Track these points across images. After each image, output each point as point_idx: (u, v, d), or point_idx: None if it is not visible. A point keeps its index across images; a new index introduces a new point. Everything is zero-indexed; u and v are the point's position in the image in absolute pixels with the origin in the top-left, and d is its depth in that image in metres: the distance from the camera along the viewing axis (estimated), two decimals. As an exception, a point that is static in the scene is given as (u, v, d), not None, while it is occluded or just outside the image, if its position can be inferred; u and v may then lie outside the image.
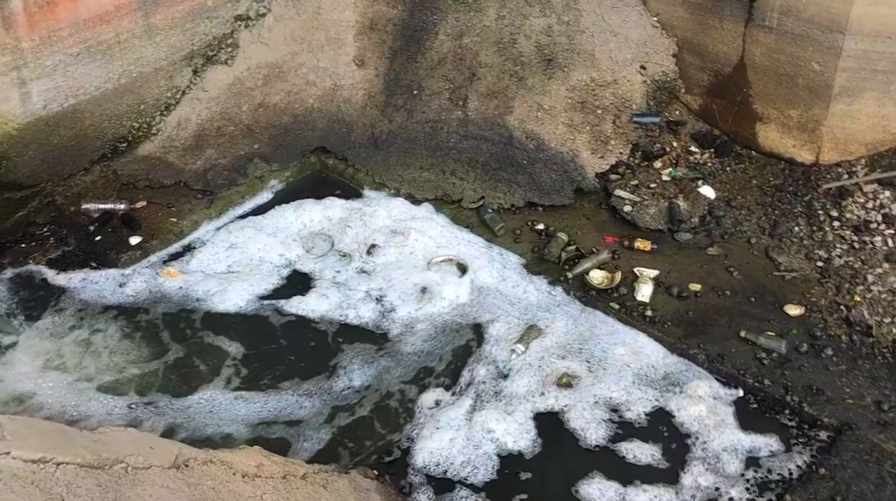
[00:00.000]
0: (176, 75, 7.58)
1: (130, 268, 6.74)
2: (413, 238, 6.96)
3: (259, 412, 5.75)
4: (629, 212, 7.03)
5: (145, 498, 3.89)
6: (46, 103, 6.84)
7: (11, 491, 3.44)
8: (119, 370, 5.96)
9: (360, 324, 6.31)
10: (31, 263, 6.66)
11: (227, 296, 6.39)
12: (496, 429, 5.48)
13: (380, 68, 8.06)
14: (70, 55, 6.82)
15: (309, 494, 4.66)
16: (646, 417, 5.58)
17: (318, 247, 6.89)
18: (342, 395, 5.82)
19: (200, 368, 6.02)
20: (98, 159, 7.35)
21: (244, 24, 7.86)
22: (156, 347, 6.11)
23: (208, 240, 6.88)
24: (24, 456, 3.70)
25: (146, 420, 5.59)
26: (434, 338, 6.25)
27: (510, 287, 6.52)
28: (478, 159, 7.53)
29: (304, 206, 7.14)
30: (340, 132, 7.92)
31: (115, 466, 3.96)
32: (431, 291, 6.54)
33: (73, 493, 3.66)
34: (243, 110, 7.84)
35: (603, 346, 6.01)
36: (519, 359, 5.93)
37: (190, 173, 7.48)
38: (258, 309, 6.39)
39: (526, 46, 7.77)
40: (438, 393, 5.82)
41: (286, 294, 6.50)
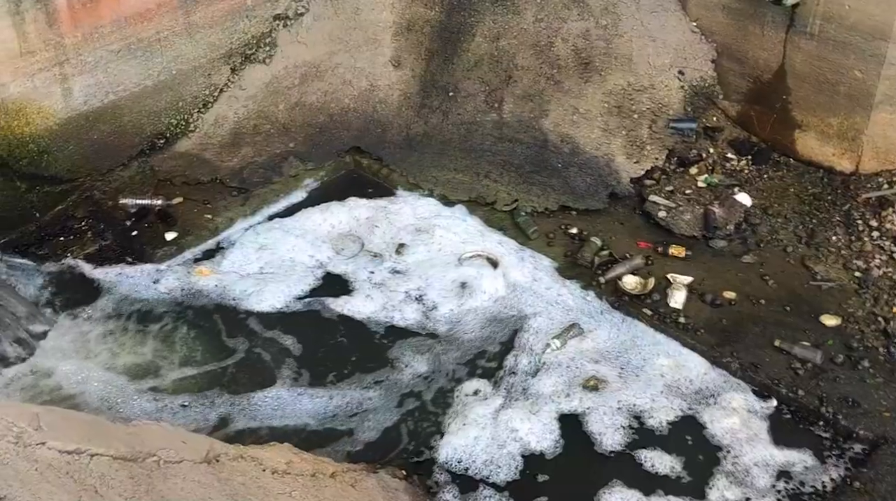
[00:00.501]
0: (214, 73, 7.64)
1: (165, 264, 6.80)
2: (439, 235, 7.00)
3: (326, 407, 5.78)
4: (664, 218, 6.98)
5: (177, 492, 3.92)
6: (87, 99, 6.93)
7: (46, 481, 3.49)
8: (162, 365, 6.01)
9: (406, 326, 6.29)
10: (69, 256, 6.74)
11: (264, 297, 6.42)
12: (520, 429, 5.49)
13: (416, 69, 8.08)
14: (111, 52, 6.90)
15: (337, 492, 4.67)
16: (675, 427, 5.52)
17: (348, 248, 6.92)
18: (389, 395, 5.86)
19: (254, 365, 6.06)
20: (136, 155, 7.43)
21: (283, 24, 7.91)
22: (199, 344, 6.16)
23: (237, 241, 6.91)
24: (60, 447, 3.74)
25: (202, 418, 5.65)
26: (478, 334, 6.28)
27: (543, 288, 6.50)
28: (512, 162, 7.52)
29: (331, 208, 7.17)
30: (375, 132, 7.94)
31: (148, 459, 3.99)
32: (470, 286, 6.57)
33: (106, 484, 3.69)
34: (280, 109, 7.89)
35: (644, 355, 5.95)
36: (552, 355, 5.89)
37: (226, 170, 7.54)
38: (298, 309, 6.41)
39: (563, 50, 7.74)
40: (477, 389, 5.80)
41: (324, 295, 6.52)
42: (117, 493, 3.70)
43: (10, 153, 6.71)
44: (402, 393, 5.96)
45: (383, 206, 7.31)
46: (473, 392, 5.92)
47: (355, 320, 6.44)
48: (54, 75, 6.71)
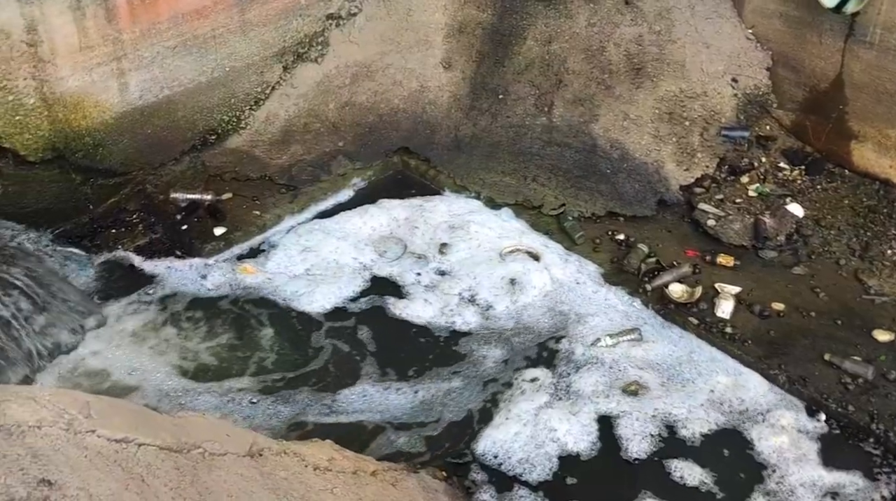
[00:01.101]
0: (267, 71, 7.72)
1: (213, 259, 6.88)
2: (474, 230, 7.03)
3: (412, 402, 5.84)
4: (713, 227, 6.90)
5: (220, 484, 3.96)
6: (142, 94, 7.03)
7: (95, 468, 3.54)
8: (218, 360, 6.06)
9: (469, 330, 6.30)
10: (120, 248, 6.85)
11: (315, 298, 6.46)
12: (559, 429, 5.46)
13: (466, 71, 8.08)
14: (167, 48, 7.00)
15: (378, 491, 4.68)
16: (716, 442, 5.43)
17: (391, 250, 6.94)
18: (443, 396, 5.87)
19: (326, 364, 6.10)
20: (188, 150, 7.52)
21: (335, 23, 7.96)
22: (258, 342, 6.20)
23: (280, 242, 6.95)
24: (108, 435, 3.79)
25: (275, 414, 5.71)
26: (530, 334, 6.31)
27: (590, 292, 6.47)
28: (560, 166, 7.48)
29: (370, 211, 7.20)
30: (424, 133, 7.96)
31: (193, 451, 4.04)
32: (520, 281, 6.60)
33: (152, 474, 3.74)
34: (330, 108, 7.94)
35: (699, 370, 5.85)
36: (600, 351, 5.87)
37: (275, 168, 7.61)
38: (352, 311, 6.43)
39: (615, 54, 7.69)
40: (523, 386, 5.80)
41: (377, 297, 6.54)
42: (163, 483, 3.74)
43: (67, 146, 6.83)
44: (459, 390, 5.98)
45: (418, 205, 7.33)
46: (520, 388, 5.90)
47: (413, 323, 6.45)
48: (112, 70, 6.81)
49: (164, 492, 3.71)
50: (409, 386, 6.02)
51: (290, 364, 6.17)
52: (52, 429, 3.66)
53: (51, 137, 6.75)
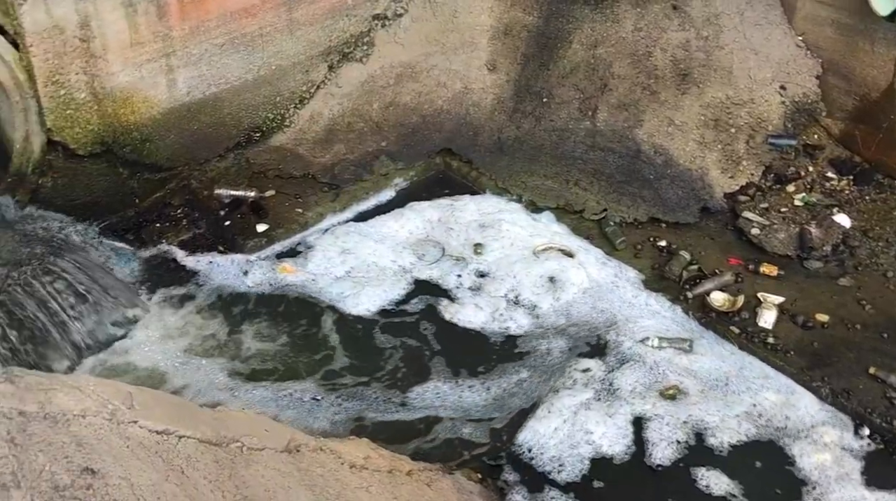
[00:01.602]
0: (312, 70, 7.77)
1: (255, 255, 6.94)
2: (506, 229, 7.08)
3: (485, 399, 5.90)
4: (757, 236, 6.82)
5: (258, 479, 3.99)
6: (190, 90, 7.12)
7: (137, 459, 3.59)
8: (265, 357, 6.12)
9: (523, 334, 6.33)
10: (164, 243, 6.93)
11: (361, 300, 6.49)
12: (595, 431, 5.48)
13: (511, 74, 8.07)
14: (216, 45, 7.08)
15: (413, 491, 4.69)
16: (754, 455, 5.38)
17: (430, 253, 6.95)
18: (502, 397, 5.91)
19: (386, 363, 6.15)
20: (233, 147, 7.59)
21: (381, 24, 7.99)
22: (305, 340, 6.25)
23: (316, 244, 6.98)
24: (150, 427, 3.84)
25: (342, 411, 5.79)
26: (580, 331, 6.32)
27: (630, 297, 6.43)
28: (603, 171, 7.45)
29: (406, 215, 7.21)
30: (467, 135, 7.96)
31: (232, 445, 4.07)
32: (559, 279, 6.64)
33: (192, 466, 3.78)
34: (374, 108, 7.97)
35: (748, 385, 5.78)
36: (646, 350, 5.87)
37: (318, 166, 7.66)
38: (400, 314, 6.45)
39: (661, 60, 7.63)
40: (569, 382, 5.89)
41: (422, 301, 6.56)
42: (202, 475, 3.79)
43: (115, 140, 6.93)
44: (507, 386, 6.02)
45: (448, 204, 7.36)
46: (564, 384, 5.92)
47: (466, 327, 6.48)
48: (161, 66, 6.90)
49: (202, 485, 3.76)
50: (469, 383, 6.07)
51: (346, 363, 6.21)
52: (95, 419, 3.72)
53: (100, 132, 6.86)
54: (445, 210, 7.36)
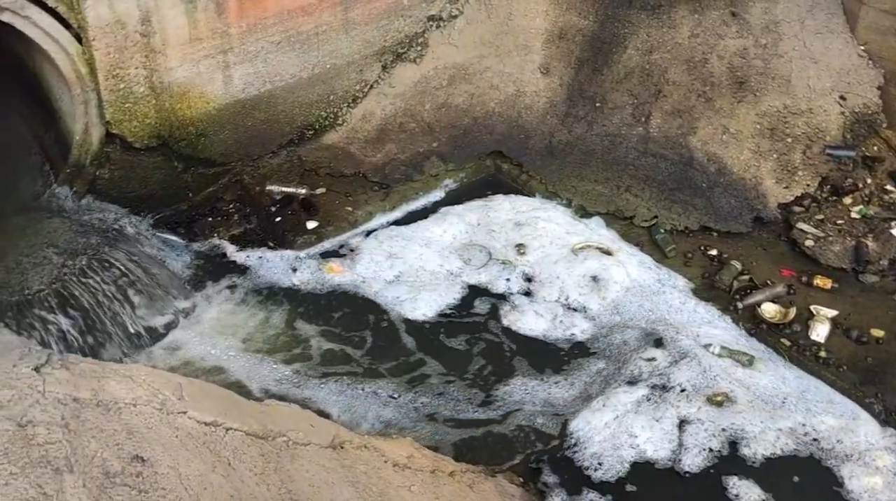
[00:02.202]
0: (366, 69, 7.81)
1: (305, 252, 6.99)
2: (542, 227, 7.14)
3: (569, 391, 5.99)
4: (811, 248, 6.71)
5: (302, 473, 4.02)
6: (245, 87, 7.20)
7: (185, 449, 3.64)
8: (328, 354, 6.18)
9: (587, 339, 6.36)
10: (216, 237, 7.02)
11: (418, 305, 6.50)
12: (640, 435, 5.47)
13: (564, 78, 8.03)
14: (272, 43, 7.15)
15: (455, 491, 4.68)
16: (807, 476, 5.28)
17: (476, 257, 6.95)
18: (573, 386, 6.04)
19: (464, 363, 6.21)
20: (286, 144, 7.66)
21: (436, 25, 8.00)
22: (369, 340, 6.29)
23: (362, 247, 7.00)
24: (199, 418, 3.90)
25: (423, 409, 5.85)
26: (630, 332, 6.34)
27: (678, 303, 6.38)
28: (655, 177, 7.38)
29: (447, 219, 7.21)
30: (518, 138, 7.94)
31: (278, 438, 4.11)
32: (602, 278, 6.69)
33: (238, 458, 3.82)
34: (426, 108, 7.99)
35: (808, 406, 5.67)
36: (706, 355, 5.86)
37: (369, 165, 7.70)
38: (458, 319, 6.46)
39: (717, 67, 7.54)
40: (627, 380, 5.95)
41: (480, 307, 6.57)
42: (248, 468, 3.83)
43: (171, 134, 7.04)
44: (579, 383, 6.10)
45: (483, 205, 7.37)
46: (626, 381, 5.94)
47: (523, 331, 6.49)
48: (218, 62, 6.99)
49: (248, 477, 3.80)
50: (563, 379, 6.12)
51: (418, 363, 6.23)
52: (146, 408, 3.78)
53: (157, 125, 6.97)
54: (480, 210, 7.36)
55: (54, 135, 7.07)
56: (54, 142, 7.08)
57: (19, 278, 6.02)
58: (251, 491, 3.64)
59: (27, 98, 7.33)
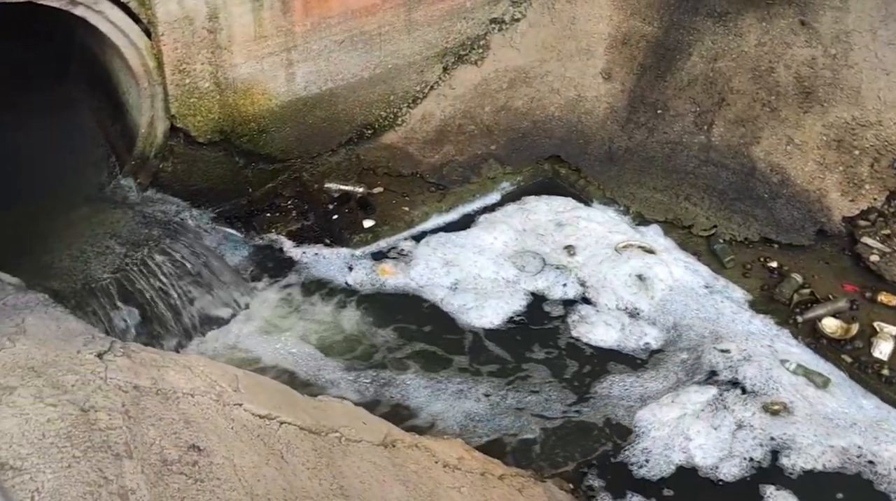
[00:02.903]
0: (427, 70, 7.83)
1: (360, 250, 7.03)
2: (583, 226, 7.18)
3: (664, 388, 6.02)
4: (876, 263, 6.55)
5: (354, 470, 4.04)
6: (307, 85, 7.26)
7: (240, 440, 3.68)
8: (397, 358, 6.21)
9: (658, 348, 6.34)
10: (273, 232, 7.09)
11: (485, 313, 6.49)
12: (694, 440, 5.47)
13: (626, 83, 7.96)
14: (335, 42, 7.20)
15: (504, 495, 4.67)
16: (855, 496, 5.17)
17: (531, 264, 6.92)
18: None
19: (552, 367, 6.24)
20: (345, 142, 7.71)
21: (498, 28, 7.99)
22: (437, 346, 6.32)
23: (414, 252, 7.00)
24: (254, 410, 3.94)
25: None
26: (689, 335, 6.32)
27: (734, 314, 6.30)
28: (715, 187, 7.27)
29: (497, 227, 7.19)
30: (577, 143, 7.89)
31: (331, 434, 4.13)
32: (647, 277, 6.71)
33: (291, 452, 3.85)
34: (485, 111, 7.98)
35: (877, 434, 5.54)
36: (781, 368, 5.84)
37: (427, 166, 7.71)
38: (527, 328, 6.46)
39: (784, 76, 7.40)
40: (695, 384, 5.89)
41: (545, 314, 6.55)
42: (300, 462, 3.85)
43: (234, 130, 7.13)
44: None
45: (520, 208, 7.33)
46: (695, 381, 5.94)
47: (595, 341, 6.48)
48: (281, 60, 7.07)
49: (300, 471, 3.82)
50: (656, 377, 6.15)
51: (501, 370, 6.25)
52: (203, 398, 3.83)
53: (220, 121, 7.07)
54: (518, 213, 7.33)
55: (120, 128, 7.21)
56: (120, 134, 7.22)
57: (83, 267, 6.15)
58: (303, 485, 3.67)
59: (96, 91, 7.50)
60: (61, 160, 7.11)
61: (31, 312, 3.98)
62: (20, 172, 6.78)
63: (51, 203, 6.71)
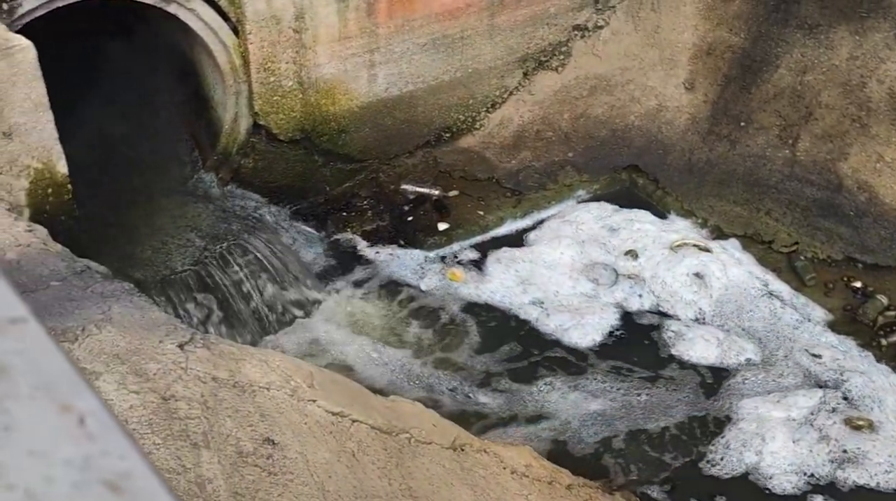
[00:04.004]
0: (507, 75, 7.81)
1: (434, 252, 7.04)
2: (637, 228, 7.10)
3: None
4: (966, 288, 6.30)
5: (423, 472, 4.04)
6: (388, 86, 7.31)
7: (313, 436, 3.71)
8: (484, 369, 6.22)
9: (761, 361, 6.26)
10: (349, 231, 7.15)
11: (586, 332, 6.44)
12: (768, 443, 5.37)
13: (709, 94, 7.82)
14: (417, 45, 7.24)
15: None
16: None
17: (603, 276, 6.84)
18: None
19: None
20: (422, 145, 7.74)
21: (580, 34, 7.93)
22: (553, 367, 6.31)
23: (488, 267, 6.97)
24: (327, 407, 3.97)
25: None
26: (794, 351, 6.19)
27: (811, 334, 6.14)
28: (798, 203, 7.09)
29: (561, 241, 7.11)
30: (656, 153, 7.78)
31: (401, 435, 4.14)
32: (703, 274, 6.67)
33: (362, 451, 3.87)
34: (564, 117, 7.93)
35: None
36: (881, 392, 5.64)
37: (503, 171, 7.69)
38: (626, 346, 6.42)
39: (876, 91, 7.19)
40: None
41: (638, 330, 6.50)
42: (371, 461, 3.87)
43: (314, 129, 7.22)
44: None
45: (558, 212, 7.27)
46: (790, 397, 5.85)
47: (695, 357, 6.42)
48: (364, 61, 7.13)
49: (371, 470, 3.84)
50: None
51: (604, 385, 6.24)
52: (278, 393, 3.88)
53: (301, 119, 7.17)
54: (565, 223, 7.26)
55: (204, 124, 7.36)
56: (204, 130, 7.38)
57: (164, 258, 6.29)
58: (372, 484, 3.68)
59: (183, 87, 7.66)
60: (147, 153, 7.29)
61: (116, 300, 4.08)
62: (108, 164, 6.97)
63: (136, 195, 6.88)
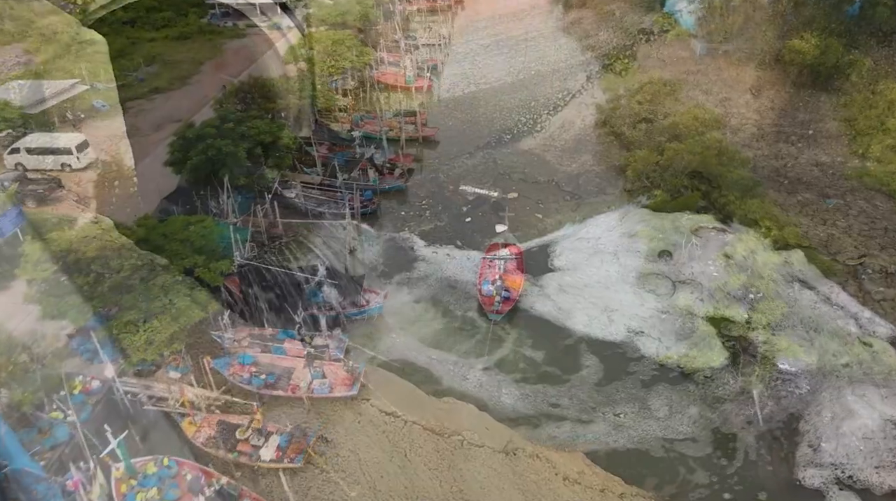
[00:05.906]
0: (570, 79, 7.78)
1: (490, 255, 7.01)
2: (655, 224, 6.77)
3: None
4: None
5: (474, 474, 4.04)
6: (451, 87, 7.32)
7: (366, 435, 3.74)
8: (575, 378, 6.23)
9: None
10: (407, 230, 7.18)
11: (711, 359, 6.39)
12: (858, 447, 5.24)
13: (776, 102, 7.69)
14: (481, 46, 7.25)
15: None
16: None
17: (660, 286, 6.80)
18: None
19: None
20: (482, 146, 7.74)
21: (646, 39, 7.86)
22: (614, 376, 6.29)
23: (547, 285, 6.93)
24: (381, 407, 4.00)
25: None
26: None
27: (873, 352, 6.02)
28: (867, 213, 6.92)
29: (605, 258, 7.07)
30: (720, 159, 7.66)
31: (454, 437, 4.15)
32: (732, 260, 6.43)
33: (414, 451, 3.89)
34: (626, 122, 7.86)
35: None
36: None
37: (563, 174, 7.66)
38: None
39: (952, 101, 6.98)
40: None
41: (719, 341, 6.46)
42: (423, 461, 3.88)
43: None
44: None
45: (580, 228, 7.17)
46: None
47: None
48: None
49: (422, 470, 3.86)
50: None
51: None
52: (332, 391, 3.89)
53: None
54: (584, 228, 7.20)
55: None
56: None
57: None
58: (424, 485, 3.70)
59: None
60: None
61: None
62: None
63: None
